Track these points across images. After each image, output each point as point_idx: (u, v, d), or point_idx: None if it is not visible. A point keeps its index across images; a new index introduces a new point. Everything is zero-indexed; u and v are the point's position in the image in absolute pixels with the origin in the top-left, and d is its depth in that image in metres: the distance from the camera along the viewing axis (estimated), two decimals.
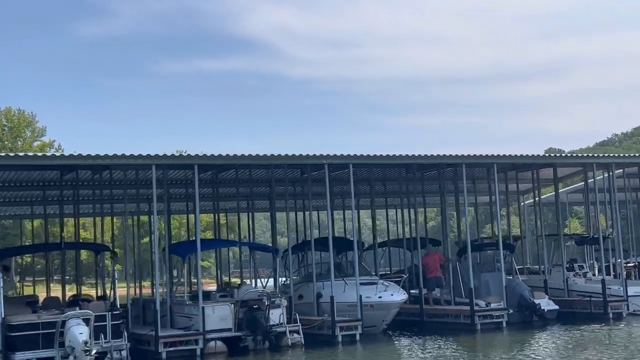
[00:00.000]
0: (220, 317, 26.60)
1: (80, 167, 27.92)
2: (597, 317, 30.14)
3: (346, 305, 27.95)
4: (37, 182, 32.00)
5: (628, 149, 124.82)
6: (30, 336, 24.48)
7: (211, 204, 37.69)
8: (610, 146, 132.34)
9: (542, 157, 34.91)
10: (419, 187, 35.05)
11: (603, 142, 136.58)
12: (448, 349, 25.14)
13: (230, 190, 36.45)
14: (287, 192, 32.35)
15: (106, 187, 31.62)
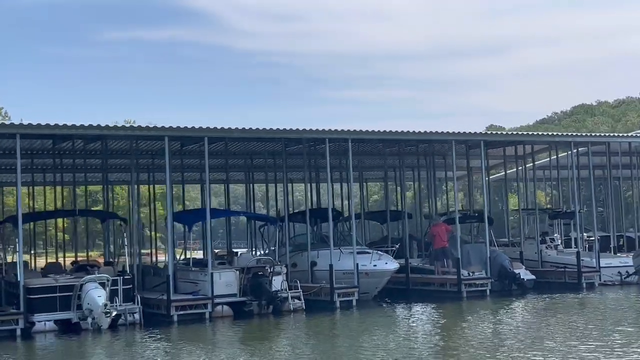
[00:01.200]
0: (226, 283, 28.27)
1: (78, 137, 29.11)
2: (571, 286, 32.63)
3: (341, 273, 29.84)
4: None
5: (567, 127, 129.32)
6: (48, 299, 25.87)
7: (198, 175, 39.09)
8: (549, 124, 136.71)
9: (517, 134, 37.22)
10: (398, 162, 37.19)
11: (543, 120, 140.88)
12: (441, 313, 27.35)
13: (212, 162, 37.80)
14: (267, 164, 33.95)
15: (108, 156, 32.84)
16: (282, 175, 35.26)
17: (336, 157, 35.73)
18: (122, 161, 35.53)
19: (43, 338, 24.92)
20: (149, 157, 34.78)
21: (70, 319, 25.86)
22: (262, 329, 26.22)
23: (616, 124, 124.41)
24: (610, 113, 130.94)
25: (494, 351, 18.39)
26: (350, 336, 23.23)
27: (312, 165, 37.60)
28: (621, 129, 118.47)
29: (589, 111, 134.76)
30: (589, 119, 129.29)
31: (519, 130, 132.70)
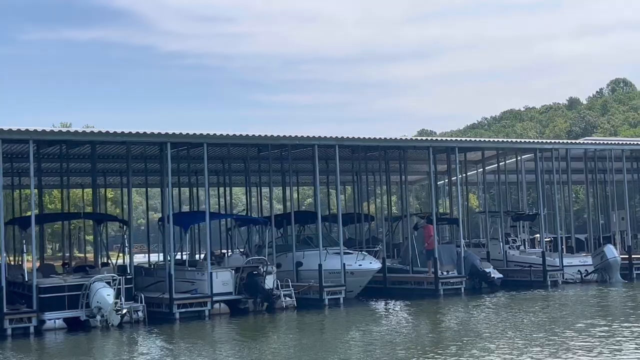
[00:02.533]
0: (222, 282, 30.08)
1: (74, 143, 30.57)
2: (536, 284, 35.39)
3: (327, 273, 31.95)
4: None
5: (497, 132, 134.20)
6: (57, 298, 27.29)
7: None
8: (479, 129, 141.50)
9: (492, 142, 39.89)
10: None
11: (473, 125, 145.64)
12: (424, 308, 29.77)
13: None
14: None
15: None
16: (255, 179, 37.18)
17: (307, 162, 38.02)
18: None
19: (53, 335, 26.34)
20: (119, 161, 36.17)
21: (78, 317, 27.36)
22: (259, 325, 28.05)
23: (544, 129, 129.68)
24: (538, 119, 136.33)
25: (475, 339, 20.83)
26: (341, 331, 25.30)
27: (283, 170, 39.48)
28: (549, 134, 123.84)
29: (517, 117, 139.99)
30: (518, 124, 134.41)
31: (451, 134, 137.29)
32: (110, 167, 39.23)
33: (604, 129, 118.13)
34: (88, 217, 32.61)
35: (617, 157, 41.31)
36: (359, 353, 19.83)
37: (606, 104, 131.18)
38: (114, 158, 35.72)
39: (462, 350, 19.29)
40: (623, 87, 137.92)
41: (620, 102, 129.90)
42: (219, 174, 42.03)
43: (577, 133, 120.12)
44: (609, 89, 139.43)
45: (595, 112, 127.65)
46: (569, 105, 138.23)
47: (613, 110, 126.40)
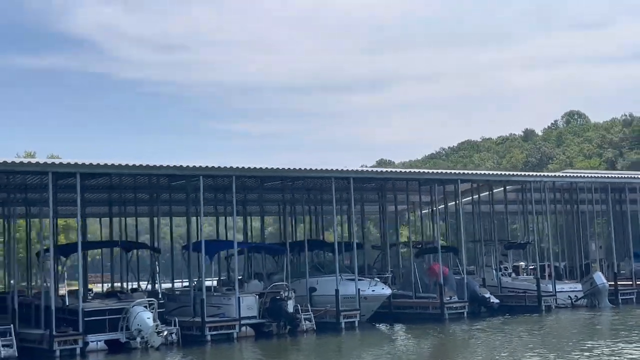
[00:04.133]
0: (247, 306, 32.57)
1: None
2: (531, 309, 38.41)
3: (342, 297, 34.59)
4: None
5: (456, 162, 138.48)
6: (99, 321, 29.50)
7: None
8: (438, 159, 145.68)
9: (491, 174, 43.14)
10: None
11: (432, 154, 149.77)
12: (432, 333, 32.55)
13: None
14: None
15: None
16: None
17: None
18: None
19: (96, 356, 28.55)
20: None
21: (118, 339, 29.59)
22: (283, 347, 30.58)
23: (501, 159, 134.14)
24: (495, 149, 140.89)
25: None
26: (362, 352, 27.92)
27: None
28: (506, 165, 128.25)
29: (474, 147, 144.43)
30: (476, 155, 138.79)
31: (410, 164, 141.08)
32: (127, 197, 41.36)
33: (559, 160, 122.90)
34: (124, 245, 34.87)
35: (594, 189, 44.90)
36: None
37: (561, 136, 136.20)
38: (137, 188, 37.99)
39: None
40: (577, 119, 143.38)
41: (574, 133, 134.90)
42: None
43: (534, 164, 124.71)
44: (563, 121, 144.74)
45: (551, 144, 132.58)
46: (525, 137, 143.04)
47: (568, 142, 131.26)
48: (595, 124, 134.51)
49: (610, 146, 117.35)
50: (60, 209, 38.80)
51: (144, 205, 41.84)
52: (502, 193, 45.28)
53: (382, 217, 49.06)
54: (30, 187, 34.59)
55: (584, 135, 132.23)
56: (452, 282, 37.76)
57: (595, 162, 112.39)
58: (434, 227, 43.90)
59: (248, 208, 45.02)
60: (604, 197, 46.60)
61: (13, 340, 27.88)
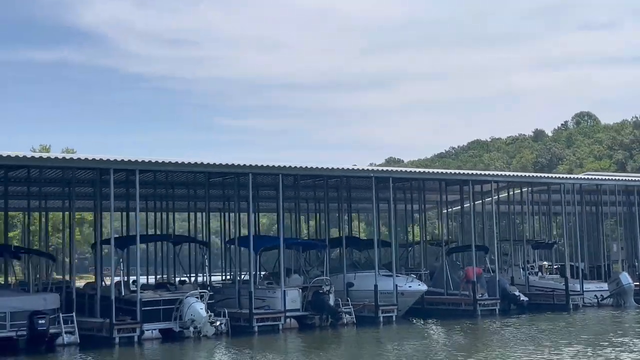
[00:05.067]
0: (291, 299, 34.40)
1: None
2: (559, 307, 40.34)
3: (379, 293, 36.42)
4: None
5: (465, 162, 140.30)
6: (154, 311, 31.33)
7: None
8: (447, 158, 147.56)
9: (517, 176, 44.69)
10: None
11: (441, 154, 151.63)
12: (469, 327, 34.37)
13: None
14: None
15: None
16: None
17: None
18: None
19: (151, 344, 30.35)
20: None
21: (171, 328, 31.41)
22: (326, 338, 32.39)
23: (511, 160, 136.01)
24: (505, 149, 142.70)
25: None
26: (401, 343, 29.50)
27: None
28: (516, 165, 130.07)
29: (484, 147, 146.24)
30: (485, 155, 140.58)
31: (418, 163, 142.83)
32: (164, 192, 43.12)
33: (569, 161, 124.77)
34: (176, 239, 36.80)
35: (612, 191, 46.80)
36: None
37: (571, 137, 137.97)
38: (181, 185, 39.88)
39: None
40: (587, 120, 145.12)
41: (585, 134, 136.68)
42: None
43: (543, 164, 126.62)
44: (573, 122, 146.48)
45: (561, 145, 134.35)
46: (535, 137, 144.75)
47: (578, 143, 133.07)
48: (606, 126, 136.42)
49: (620, 148, 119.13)
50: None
51: (182, 201, 43.66)
52: (519, 194, 47.11)
53: (407, 215, 50.82)
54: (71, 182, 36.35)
55: (594, 136, 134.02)
56: (482, 280, 39.56)
57: (606, 164, 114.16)
58: (462, 226, 45.87)
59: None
60: (621, 199, 48.42)
61: (75, 327, 29.66)
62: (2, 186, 35.01)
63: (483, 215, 46.24)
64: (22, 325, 28.32)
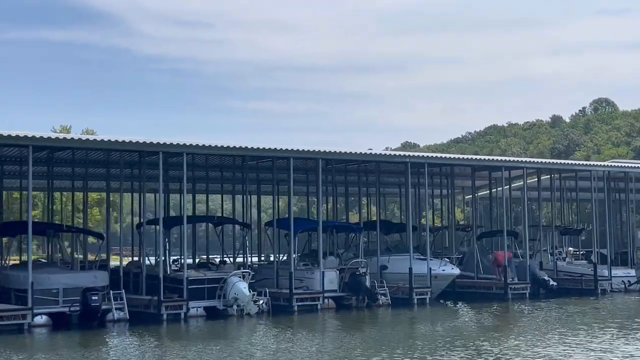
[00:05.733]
0: (329, 280, 35.72)
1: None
2: (587, 292, 41.63)
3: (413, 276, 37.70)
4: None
5: (482, 147, 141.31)
6: (199, 289, 32.68)
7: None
8: (464, 143, 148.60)
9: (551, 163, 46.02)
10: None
11: (457, 139, 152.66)
12: (501, 310, 35.64)
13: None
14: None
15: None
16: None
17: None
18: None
19: (196, 321, 31.70)
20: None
21: (215, 306, 32.76)
22: (362, 318, 33.65)
23: (528, 145, 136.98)
24: (522, 135, 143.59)
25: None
26: (435, 324, 31.17)
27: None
28: (533, 151, 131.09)
29: (501, 132, 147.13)
30: (502, 140, 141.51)
31: (435, 148, 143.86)
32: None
33: (587, 147, 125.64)
34: (220, 220, 38.20)
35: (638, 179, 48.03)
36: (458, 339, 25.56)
37: (589, 123, 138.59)
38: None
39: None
40: (605, 106, 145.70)
41: (602, 121, 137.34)
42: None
43: (560, 150, 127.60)
44: (591, 108, 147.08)
45: (579, 131, 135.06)
46: (552, 123, 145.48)
47: (596, 130, 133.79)
48: (624, 112, 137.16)
49: (639, 134, 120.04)
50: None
51: (217, 183, 44.97)
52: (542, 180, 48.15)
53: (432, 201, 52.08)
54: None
55: (612, 123, 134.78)
56: (512, 264, 40.79)
57: (624, 151, 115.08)
58: (491, 212, 47.16)
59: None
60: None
61: (124, 304, 31.00)
62: (48, 167, 36.35)
63: (510, 201, 47.32)
64: (74, 301, 29.61)
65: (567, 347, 23.21)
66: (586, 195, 51.65)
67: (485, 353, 22.09)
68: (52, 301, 29.78)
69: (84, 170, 39.99)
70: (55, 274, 30.94)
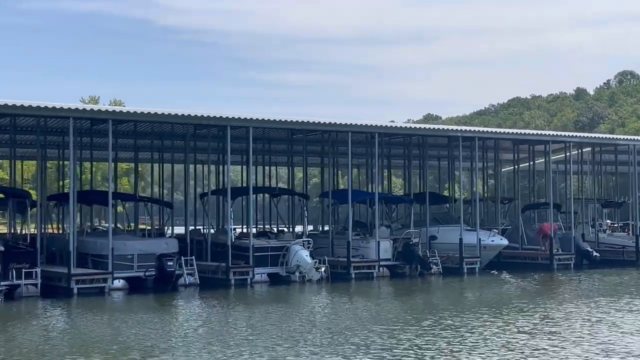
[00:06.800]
0: (383, 250, 37.68)
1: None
2: (628, 263, 43.57)
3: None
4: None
5: (505, 120, 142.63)
6: (263, 257, 34.72)
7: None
8: (487, 116, 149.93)
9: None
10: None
11: (480, 111, 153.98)
12: (547, 279, 37.57)
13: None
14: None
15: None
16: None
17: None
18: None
19: (261, 287, 33.76)
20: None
21: (278, 273, 34.80)
22: (418, 286, 35.56)
23: (552, 118, 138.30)
24: (546, 107, 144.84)
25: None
26: (485, 290, 33.32)
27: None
28: (557, 123, 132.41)
29: (525, 105, 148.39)
30: (526, 112, 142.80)
31: (457, 120, 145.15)
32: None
33: (611, 120, 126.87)
34: (281, 191, 40.33)
35: None
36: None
37: (614, 96, 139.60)
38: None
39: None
40: (630, 79, 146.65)
41: (627, 94, 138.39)
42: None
43: (584, 123, 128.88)
44: (616, 81, 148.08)
45: (603, 103, 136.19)
46: (576, 96, 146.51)
47: (621, 102, 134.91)
48: None
49: None
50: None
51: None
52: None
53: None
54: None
55: (637, 95, 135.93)
56: (556, 236, 42.69)
57: None
58: (533, 184, 49.05)
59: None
60: None
61: (195, 269, 33.05)
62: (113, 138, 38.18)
63: (545, 173, 49.13)
64: (148, 266, 31.72)
65: (625, 314, 25.01)
66: (621, 169, 53.43)
67: (547, 318, 23.94)
68: (128, 266, 31.85)
69: (132, 141, 41.80)
70: (130, 240, 32.98)
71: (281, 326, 22.16)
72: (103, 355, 17.86)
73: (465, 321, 22.84)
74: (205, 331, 22.00)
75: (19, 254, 29.68)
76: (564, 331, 20.97)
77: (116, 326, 22.67)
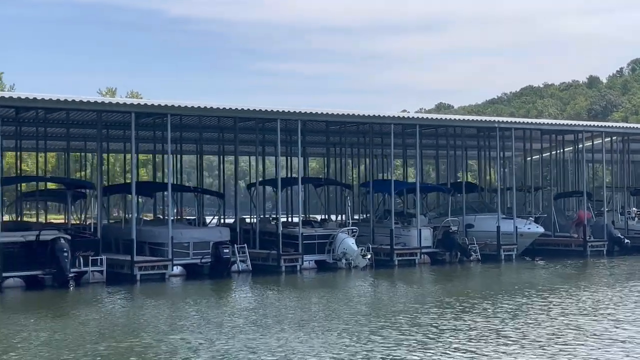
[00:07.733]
0: (424, 237, 39.32)
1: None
2: None
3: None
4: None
5: (518, 108, 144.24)
6: (310, 244, 36.35)
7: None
8: (499, 104, 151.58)
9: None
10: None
11: (492, 100, 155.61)
12: (582, 264, 39.23)
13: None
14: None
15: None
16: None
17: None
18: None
19: (309, 273, 35.40)
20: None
21: (324, 260, 36.46)
22: (458, 272, 37.20)
23: (565, 106, 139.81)
24: (559, 96, 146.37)
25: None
26: (518, 275, 34.88)
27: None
28: (570, 112, 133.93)
29: (537, 93, 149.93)
30: (539, 101, 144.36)
31: (470, 109, 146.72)
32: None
33: (625, 108, 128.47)
34: (327, 181, 42.05)
35: None
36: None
37: (627, 84, 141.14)
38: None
39: None
40: None
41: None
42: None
43: (597, 111, 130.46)
44: (629, 69, 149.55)
45: (616, 92, 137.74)
46: (589, 84, 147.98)
47: (634, 90, 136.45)
48: None
49: None
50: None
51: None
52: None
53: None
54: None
55: None
56: (588, 223, 44.39)
57: None
58: (564, 173, 50.74)
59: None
60: None
61: (247, 257, 34.72)
62: (159, 131, 39.91)
63: (576, 163, 50.79)
64: (203, 254, 33.40)
65: None
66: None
67: (583, 301, 25.57)
68: (184, 254, 33.50)
69: (178, 134, 43.39)
70: (186, 229, 34.65)
71: (343, 309, 23.64)
72: (194, 332, 19.44)
73: (519, 303, 24.56)
74: (274, 313, 23.41)
75: (83, 242, 31.29)
76: (618, 313, 22.63)
77: (198, 309, 24.34)
